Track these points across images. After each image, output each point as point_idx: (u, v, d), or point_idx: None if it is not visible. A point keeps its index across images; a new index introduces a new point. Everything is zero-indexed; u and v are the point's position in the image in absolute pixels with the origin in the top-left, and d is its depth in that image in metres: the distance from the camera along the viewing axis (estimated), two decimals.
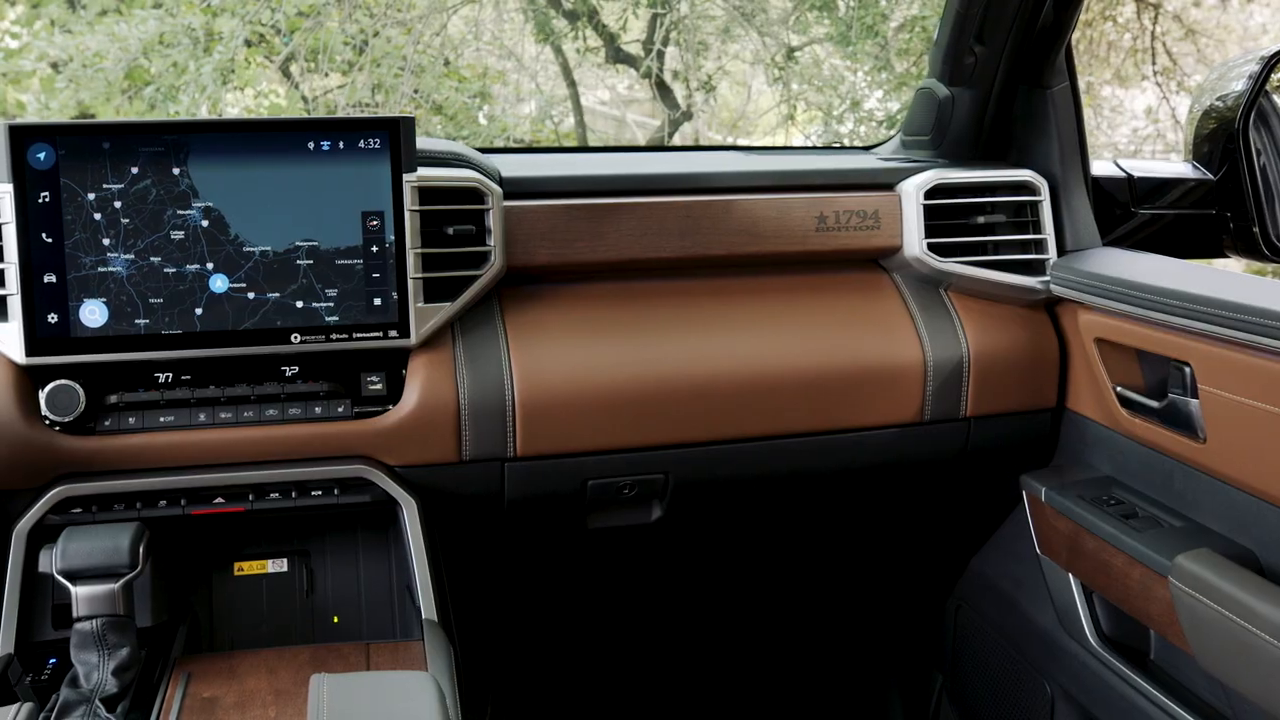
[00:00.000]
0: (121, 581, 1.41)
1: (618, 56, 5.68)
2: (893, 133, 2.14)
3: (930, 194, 1.83)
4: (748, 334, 1.77)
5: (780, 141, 6.59)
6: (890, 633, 2.35)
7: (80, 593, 1.41)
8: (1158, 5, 6.77)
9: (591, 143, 6.48)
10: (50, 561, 1.44)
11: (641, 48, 5.73)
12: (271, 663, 1.49)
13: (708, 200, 1.78)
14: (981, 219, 1.85)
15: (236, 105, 6.03)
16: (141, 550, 1.44)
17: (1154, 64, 6.81)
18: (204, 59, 5.14)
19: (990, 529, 2.04)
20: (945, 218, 1.84)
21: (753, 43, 6.10)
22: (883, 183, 1.86)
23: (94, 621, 1.41)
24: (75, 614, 1.41)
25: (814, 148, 3.79)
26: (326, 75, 6.30)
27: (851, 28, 4.55)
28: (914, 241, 1.83)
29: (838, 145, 4.96)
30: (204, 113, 5.43)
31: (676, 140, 6.41)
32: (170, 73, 5.33)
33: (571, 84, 6.02)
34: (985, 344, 1.82)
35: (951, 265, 1.82)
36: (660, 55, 5.56)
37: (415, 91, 5.48)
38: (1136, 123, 7.14)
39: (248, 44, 5.31)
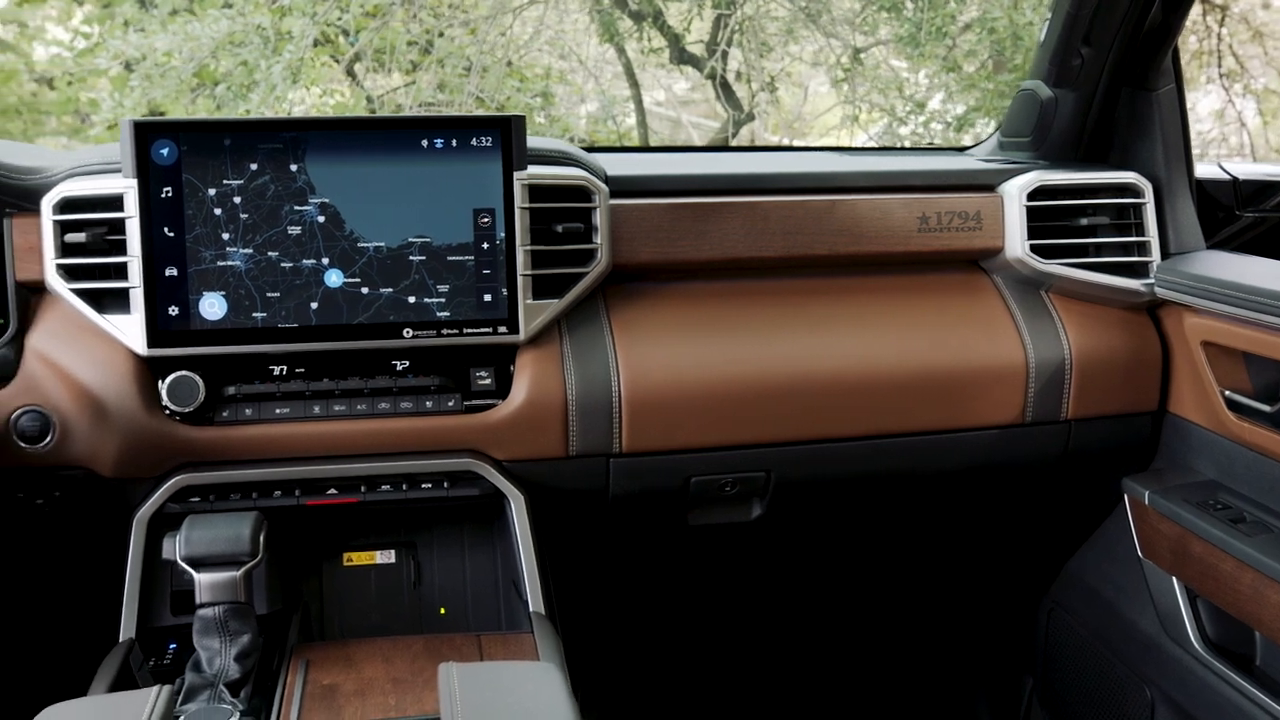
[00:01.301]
0: (243, 569, 1.44)
1: (681, 57, 5.69)
2: (983, 134, 2.14)
3: (1033, 195, 1.82)
4: (850, 333, 1.78)
5: (841, 142, 6.57)
6: (979, 635, 2.34)
7: (203, 580, 1.44)
8: (1224, 7, 6.69)
9: (652, 143, 6.49)
10: (174, 549, 1.47)
11: (705, 48, 5.73)
12: (386, 652, 1.51)
13: (811, 200, 1.79)
14: (1084, 221, 1.85)
15: (302, 104, 6.09)
16: (262, 539, 1.47)
17: (1220, 66, 6.73)
18: (274, 58, 5.20)
19: (1086, 532, 2.04)
20: (1048, 219, 1.84)
21: (815, 43, 6.09)
22: (984, 184, 1.86)
23: (216, 608, 1.43)
24: (198, 600, 1.44)
25: (907, 149, 3.78)
26: (391, 74, 6.36)
27: (921, 29, 4.54)
28: (1016, 243, 1.83)
29: (931, 146, 4.92)
30: (270, 112, 5.50)
31: (736, 142, 6.41)
32: (240, 71, 5.40)
33: (634, 84, 6.03)
34: (1087, 346, 1.81)
35: (1054, 267, 1.82)
36: (724, 56, 5.56)
37: (480, 92, 5.52)
38: (1201, 126, 7.06)
39: (316, 44, 5.37)
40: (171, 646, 1.55)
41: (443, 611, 1.71)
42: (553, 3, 6.02)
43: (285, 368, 1.63)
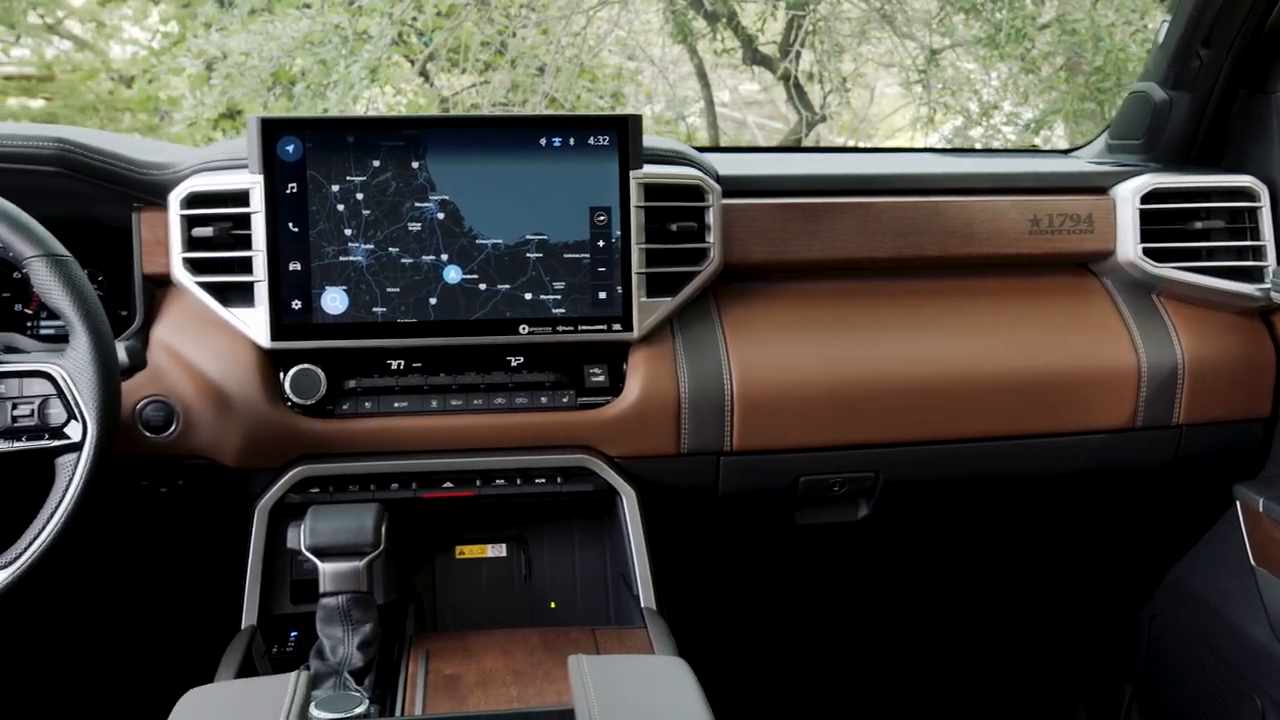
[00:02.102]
0: (365, 560, 1.47)
1: (754, 58, 5.68)
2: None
3: (1147, 198, 1.81)
4: (960, 335, 1.77)
5: (909, 144, 6.53)
6: (1078, 641, 2.33)
7: (327, 569, 1.46)
8: None
9: (722, 143, 6.49)
10: (298, 538, 1.50)
11: (778, 49, 5.72)
12: (504, 644, 1.53)
13: (922, 201, 1.79)
14: (1198, 224, 1.83)
15: (377, 103, 6.14)
16: (383, 531, 1.49)
17: None
18: (351, 58, 5.25)
19: (1192, 538, 2.02)
20: (1161, 222, 1.82)
21: (887, 44, 6.05)
22: (1096, 186, 1.85)
23: (340, 598, 1.46)
24: (321, 589, 1.46)
25: (1009, 150, 3.76)
26: (464, 73, 6.40)
27: (1000, 30, 4.50)
28: (1128, 246, 1.81)
29: (1034, 149, 4.87)
30: (339, 110, 5.56)
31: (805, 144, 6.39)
32: (317, 70, 5.46)
33: (705, 84, 6.03)
34: (1200, 351, 1.80)
35: (1167, 270, 1.80)
36: (798, 57, 5.55)
37: (554, 92, 5.54)
38: None
39: (393, 43, 5.42)
40: (293, 634, 1.58)
41: (553, 605, 1.72)
42: (625, 3, 6.04)
43: (403, 362, 1.66)
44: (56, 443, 1.38)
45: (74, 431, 1.38)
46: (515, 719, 1.29)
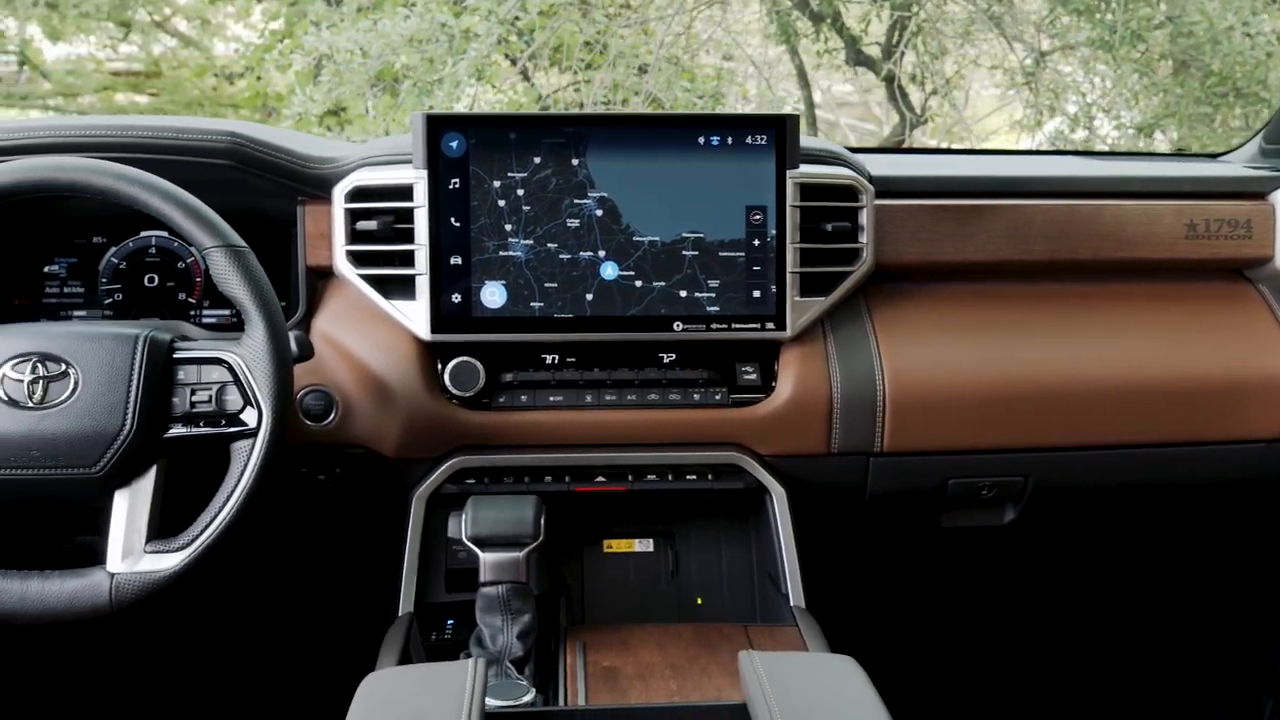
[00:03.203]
0: (525, 551, 1.49)
1: (858, 59, 5.65)
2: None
3: None
4: (1112, 340, 1.75)
5: (1006, 146, 6.45)
6: (1220, 650, 2.29)
7: (488, 559, 1.48)
8: None
9: None
10: (459, 528, 1.53)
11: (881, 50, 5.68)
12: (658, 638, 1.54)
13: (1076, 204, 1.77)
14: None
15: (478, 101, 6.20)
16: (542, 522, 1.51)
17: None
18: (457, 56, 5.32)
19: None
20: None
21: (991, 45, 5.98)
22: (1254, 191, 1.82)
23: (500, 587, 1.48)
24: (482, 579, 1.49)
25: (1155, 154, 3.69)
26: (562, 73, 6.45)
27: (1115, 31, 4.43)
28: None
29: (1182, 153, 4.79)
30: (443, 108, 5.62)
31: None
32: (422, 67, 5.53)
33: (805, 85, 6.01)
34: None
35: None
36: (901, 58, 5.51)
37: (659, 90, 5.56)
38: None
39: (498, 41, 5.48)
40: (449, 623, 1.60)
41: (699, 601, 1.73)
42: (725, 4, 6.04)
43: (557, 357, 1.67)
44: (233, 429, 1.42)
45: (250, 418, 1.41)
46: (687, 712, 1.30)
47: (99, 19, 7.36)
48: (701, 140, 1.64)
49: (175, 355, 1.43)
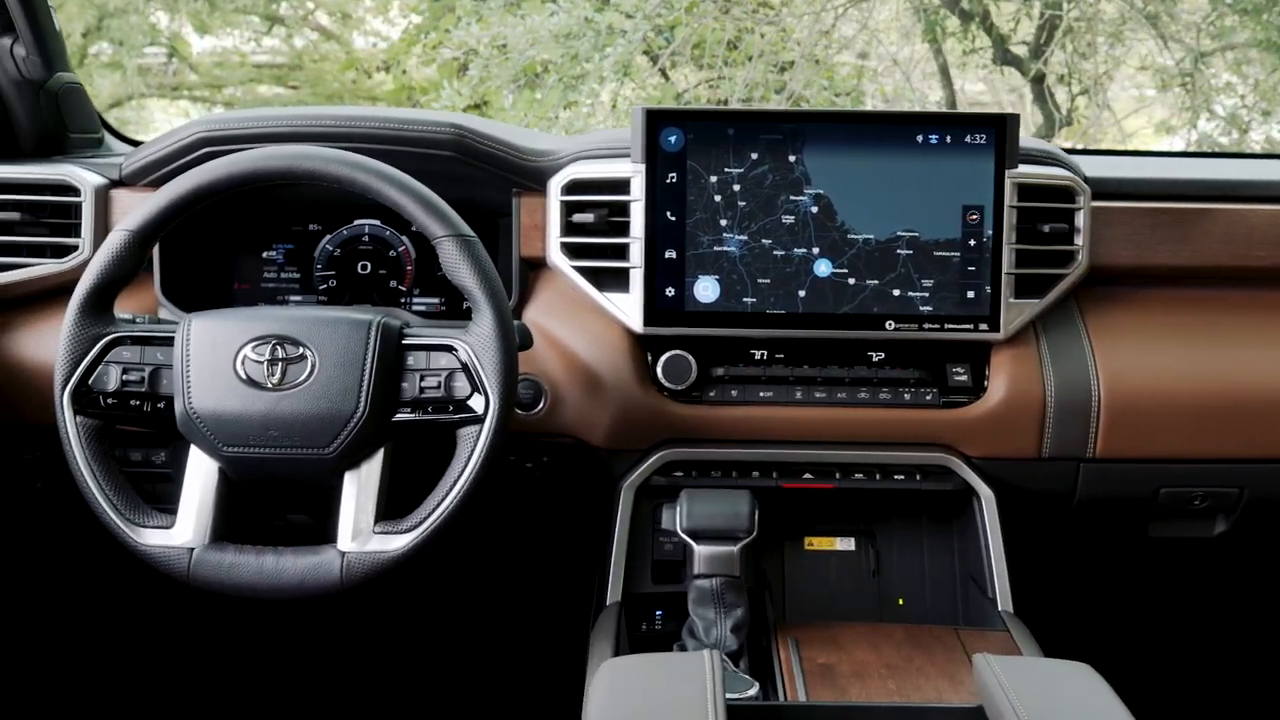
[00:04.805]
0: (739, 545, 1.50)
1: (1005, 58, 5.57)
2: None
3: None
4: None
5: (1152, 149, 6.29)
6: None
7: (702, 552, 1.50)
8: None
9: None
10: (673, 519, 1.54)
11: (1029, 50, 5.59)
12: (870, 637, 1.53)
13: None
14: None
15: (614, 97, 6.24)
16: (756, 517, 1.52)
17: None
18: (603, 52, 5.36)
19: None
20: None
21: (1140, 45, 5.84)
22: None
23: (713, 580, 1.49)
24: (695, 571, 1.50)
25: None
26: (701, 69, 6.47)
27: None
28: None
29: None
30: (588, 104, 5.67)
31: None
32: (566, 63, 5.59)
33: (948, 85, 5.94)
34: None
35: None
36: (1050, 57, 5.41)
37: (802, 88, 5.54)
38: None
39: (644, 38, 5.51)
40: (658, 614, 1.62)
41: (900, 602, 1.72)
42: (870, 2, 5.99)
43: (766, 352, 1.68)
44: (460, 415, 1.44)
45: (477, 404, 1.43)
46: (921, 713, 1.30)
47: (250, 13, 7.57)
48: (920, 139, 1.63)
49: (405, 341, 1.46)
